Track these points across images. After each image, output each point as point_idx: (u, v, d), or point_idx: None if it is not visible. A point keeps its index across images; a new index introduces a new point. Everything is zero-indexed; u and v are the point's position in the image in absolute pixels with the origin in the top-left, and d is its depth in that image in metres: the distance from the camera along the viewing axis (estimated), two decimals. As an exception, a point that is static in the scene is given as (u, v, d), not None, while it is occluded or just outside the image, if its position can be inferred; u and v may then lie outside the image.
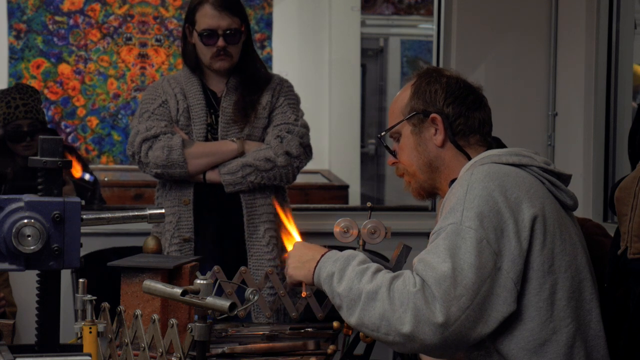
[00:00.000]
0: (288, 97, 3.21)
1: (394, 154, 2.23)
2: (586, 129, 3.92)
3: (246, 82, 3.18)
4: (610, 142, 3.91)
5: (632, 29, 3.90)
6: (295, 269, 2.09)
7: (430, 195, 2.23)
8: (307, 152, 3.19)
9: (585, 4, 3.92)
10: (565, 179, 2.10)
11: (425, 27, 7.33)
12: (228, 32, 3.11)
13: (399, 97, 2.23)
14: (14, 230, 1.36)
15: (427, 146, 2.16)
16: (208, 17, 3.12)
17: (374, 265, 1.94)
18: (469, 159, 2.12)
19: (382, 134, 2.26)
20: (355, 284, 1.90)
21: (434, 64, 4.32)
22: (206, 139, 3.13)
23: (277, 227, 3.15)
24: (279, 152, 3.09)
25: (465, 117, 2.14)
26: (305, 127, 3.20)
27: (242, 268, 2.69)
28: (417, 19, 7.59)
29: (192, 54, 3.18)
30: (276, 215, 3.16)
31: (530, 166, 2.03)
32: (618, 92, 3.92)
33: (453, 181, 2.11)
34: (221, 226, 3.13)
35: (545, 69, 4.20)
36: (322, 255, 2.04)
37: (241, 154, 3.10)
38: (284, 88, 3.23)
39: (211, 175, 3.10)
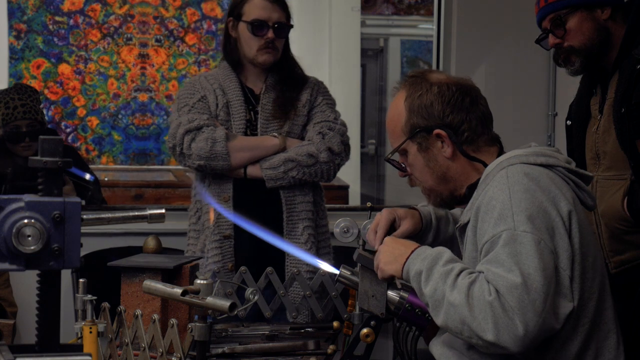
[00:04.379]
0: (326, 97, 3.23)
1: (403, 169, 2.22)
2: (586, 129, 3.92)
3: (285, 80, 3.18)
4: (610, 142, 3.90)
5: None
6: (387, 264, 2.07)
7: (451, 203, 2.22)
8: (347, 150, 3.19)
9: (585, 4, 3.91)
10: (587, 179, 2.11)
11: (425, 27, 7.33)
12: (277, 25, 3.12)
13: (394, 113, 2.18)
14: (14, 230, 1.36)
15: (438, 160, 2.14)
16: (259, 8, 3.12)
17: (457, 267, 1.93)
18: (482, 163, 2.11)
19: (389, 156, 2.23)
20: (439, 286, 1.91)
21: (434, 64, 4.33)
22: (245, 135, 3.12)
23: (315, 227, 3.13)
24: (322, 148, 3.09)
25: (468, 122, 2.11)
26: (345, 125, 3.22)
27: (242, 268, 2.69)
28: (417, 19, 7.59)
29: (234, 49, 3.18)
30: (314, 213, 3.15)
31: (557, 167, 2.04)
32: (618, 92, 3.92)
33: (471, 186, 2.11)
34: (260, 223, 3.09)
35: (545, 69, 4.20)
36: (412, 251, 2.03)
37: (283, 149, 3.10)
38: (321, 88, 3.24)
39: (252, 170, 3.08)
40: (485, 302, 1.83)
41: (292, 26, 3.20)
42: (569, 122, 2.92)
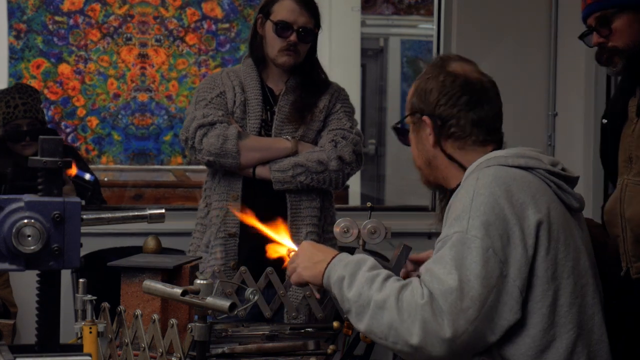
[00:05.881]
0: (344, 105, 3.22)
1: (407, 143, 2.24)
2: (586, 129, 3.93)
3: (306, 84, 3.18)
4: (610, 142, 3.90)
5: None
6: (305, 269, 2.07)
7: (437, 186, 2.22)
8: (358, 159, 3.18)
9: (585, 4, 3.91)
10: (572, 180, 2.08)
11: (425, 27, 7.32)
12: (302, 30, 3.11)
13: (411, 88, 2.22)
14: (14, 230, 1.36)
15: (425, 145, 2.15)
16: (287, 10, 3.11)
17: (384, 272, 1.93)
18: (459, 165, 2.11)
19: (396, 124, 2.27)
20: (365, 290, 1.90)
21: (434, 64, 4.32)
22: (259, 135, 3.12)
23: (320, 232, 3.12)
24: (332, 156, 3.08)
25: (457, 118, 2.10)
26: (360, 135, 3.21)
27: (242, 268, 2.69)
28: (417, 19, 7.58)
29: (260, 46, 3.18)
30: (321, 218, 3.14)
31: (537, 169, 2.02)
32: (618, 92, 3.92)
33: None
34: (265, 224, 3.10)
35: (545, 69, 4.20)
36: (333, 258, 2.03)
37: (294, 153, 3.09)
38: (341, 95, 3.24)
39: (261, 171, 3.08)
40: (416, 306, 1.81)
41: (317, 32, 3.19)
42: (604, 121, 2.87)
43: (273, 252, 2.28)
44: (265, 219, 2.68)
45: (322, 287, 2.06)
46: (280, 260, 2.75)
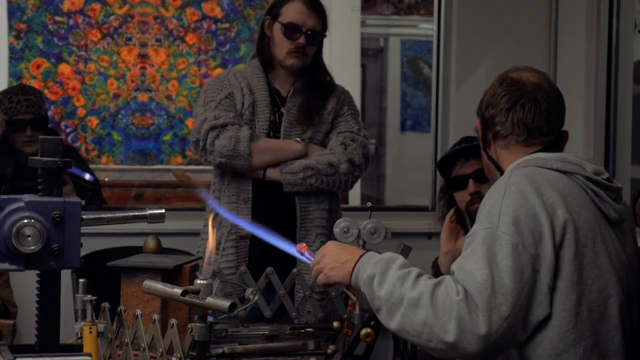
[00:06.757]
0: (351, 107, 3.25)
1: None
2: (586, 129, 3.92)
3: (313, 86, 3.19)
4: (610, 142, 3.91)
5: (632, 29, 3.90)
6: (333, 270, 2.06)
7: None
8: (367, 162, 3.20)
9: (585, 4, 3.92)
10: (615, 191, 2.06)
11: (425, 27, 7.32)
12: (310, 32, 3.13)
13: None
14: (14, 230, 1.36)
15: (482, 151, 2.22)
16: (296, 12, 3.13)
17: (415, 270, 1.93)
18: (496, 166, 2.13)
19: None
20: (397, 288, 1.89)
21: (434, 64, 4.33)
22: (267, 136, 3.13)
23: (328, 234, 3.11)
24: (342, 159, 3.10)
25: (500, 116, 2.14)
26: (367, 137, 3.23)
27: (242, 268, 2.69)
28: (417, 19, 7.58)
29: (267, 47, 3.19)
30: (329, 220, 3.14)
31: (575, 174, 2.02)
32: (618, 92, 3.92)
33: None
34: (275, 227, 3.11)
35: (545, 69, 4.20)
36: (361, 256, 2.02)
37: (304, 155, 3.10)
38: (347, 98, 3.27)
39: (272, 173, 3.09)
40: (451, 303, 1.81)
41: (325, 35, 3.20)
42: None
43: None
44: (274, 220, 2.70)
45: (350, 287, 2.06)
46: (286, 261, 2.76)
